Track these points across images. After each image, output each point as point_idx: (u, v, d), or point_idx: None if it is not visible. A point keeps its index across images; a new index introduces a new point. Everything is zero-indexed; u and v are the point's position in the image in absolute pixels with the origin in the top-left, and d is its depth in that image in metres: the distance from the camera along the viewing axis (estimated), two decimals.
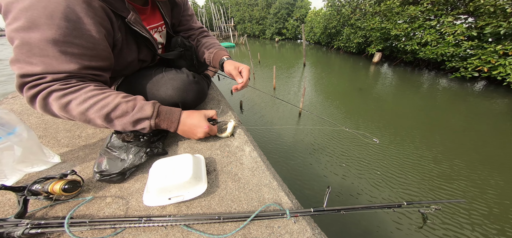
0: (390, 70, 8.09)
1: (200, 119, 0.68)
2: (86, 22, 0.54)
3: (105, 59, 0.62)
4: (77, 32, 0.53)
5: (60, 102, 0.53)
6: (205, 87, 0.94)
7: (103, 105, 0.55)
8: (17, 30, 0.49)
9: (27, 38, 0.49)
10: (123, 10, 0.63)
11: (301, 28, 9.74)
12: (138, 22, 0.67)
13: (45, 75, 0.53)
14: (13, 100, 1.06)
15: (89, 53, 0.56)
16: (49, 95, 0.53)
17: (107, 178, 0.57)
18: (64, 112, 0.55)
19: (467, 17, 6.76)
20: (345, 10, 10.93)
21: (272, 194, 0.56)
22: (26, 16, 0.48)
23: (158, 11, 0.81)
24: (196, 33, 0.99)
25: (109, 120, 0.58)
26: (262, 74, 7.64)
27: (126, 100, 0.59)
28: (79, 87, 0.55)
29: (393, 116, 4.31)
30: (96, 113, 0.55)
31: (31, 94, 0.53)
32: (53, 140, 0.76)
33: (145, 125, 0.61)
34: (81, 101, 0.54)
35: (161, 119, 0.63)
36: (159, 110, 0.62)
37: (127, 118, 0.58)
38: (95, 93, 0.56)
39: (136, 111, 0.59)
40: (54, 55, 0.51)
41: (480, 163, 2.84)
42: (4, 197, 0.56)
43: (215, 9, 25.43)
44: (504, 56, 5.49)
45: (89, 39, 0.55)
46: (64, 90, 0.53)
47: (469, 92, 5.67)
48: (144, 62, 0.78)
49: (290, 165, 2.91)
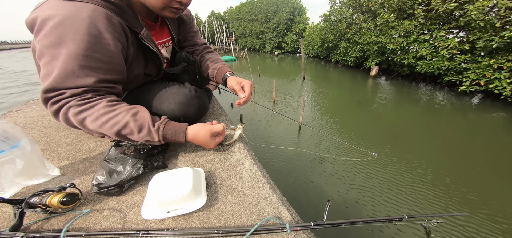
0: (387, 84, 8.21)
1: (206, 141, 0.69)
2: (106, 36, 0.58)
3: (120, 73, 0.65)
4: (97, 46, 0.57)
5: (77, 118, 0.57)
6: (206, 102, 0.96)
7: (114, 123, 0.58)
8: (47, 47, 0.54)
9: (54, 54, 0.54)
10: (137, 26, 0.67)
11: (300, 42, 10.03)
12: (149, 37, 0.71)
13: (64, 91, 0.56)
14: (17, 114, 1.07)
15: (106, 67, 0.60)
16: (68, 111, 0.57)
17: (105, 191, 0.57)
18: (82, 127, 0.60)
19: (458, 32, 6.98)
20: (341, 25, 11.30)
21: (271, 207, 0.55)
22: (56, 33, 0.53)
23: (166, 27, 0.85)
24: (200, 49, 1.03)
25: (121, 136, 0.62)
26: (262, 87, 7.74)
27: (135, 118, 0.61)
28: (93, 103, 0.58)
29: (392, 129, 4.32)
30: (109, 130, 0.59)
31: (54, 109, 0.58)
32: (54, 153, 0.77)
33: (155, 143, 0.65)
34: (95, 119, 0.57)
35: (169, 139, 0.65)
36: (165, 134, 0.63)
37: (136, 137, 0.61)
38: (107, 110, 0.58)
39: (145, 134, 0.61)
40: (73, 70, 0.55)
41: (480, 177, 2.81)
42: (1, 210, 0.55)
43: (217, 23, 26.29)
44: (499, 69, 5.59)
45: (107, 53, 0.59)
46: (80, 107, 0.57)
47: (467, 106, 5.71)
48: (149, 76, 0.81)
49: (290, 178, 2.87)
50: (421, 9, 7.33)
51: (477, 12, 5.72)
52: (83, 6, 0.55)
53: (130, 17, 0.65)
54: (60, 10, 0.53)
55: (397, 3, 7.92)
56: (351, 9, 11.03)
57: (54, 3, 0.55)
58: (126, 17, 0.64)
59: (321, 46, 13.91)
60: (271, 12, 23.13)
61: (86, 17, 0.54)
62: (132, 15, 0.66)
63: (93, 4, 0.56)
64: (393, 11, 8.20)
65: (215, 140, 0.71)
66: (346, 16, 11.15)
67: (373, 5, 9.34)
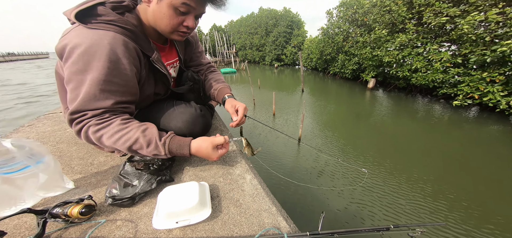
0: (385, 96, 8.36)
1: (208, 153, 0.72)
2: (124, 62, 0.66)
3: (133, 94, 0.72)
4: (116, 71, 0.64)
5: (95, 136, 0.64)
6: (210, 119, 1.03)
7: (126, 139, 0.65)
8: (75, 73, 0.61)
9: (80, 79, 0.62)
10: (149, 49, 0.75)
11: (299, 55, 10.30)
12: (159, 60, 0.79)
13: (86, 112, 0.64)
14: (29, 128, 1.13)
15: (122, 89, 0.67)
16: (88, 130, 0.64)
17: (119, 202, 0.62)
18: (99, 144, 0.66)
19: (450, 45, 7.20)
20: (338, 38, 11.65)
21: (271, 218, 0.60)
22: (82, 61, 0.60)
23: (174, 49, 0.93)
24: (204, 68, 1.11)
25: (132, 151, 0.67)
26: (262, 99, 7.85)
27: (144, 134, 0.67)
28: (109, 122, 0.65)
29: (390, 142, 4.38)
30: (121, 146, 0.65)
31: (77, 129, 0.65)
32: (68, 167, 0.82)
33: (162, 157, 0.71)
34: (110, 136, 0.64)
35: (174, 153, 0.71)
36: (170, 148, 0.69)
37: (145, 151, 0.67)
38: (120, 128, 0.65)
39: (153, 148, 0.67)
40: (95, 94, 0.62)
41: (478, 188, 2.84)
42: (21, 220, 0.60)
43: (218, 36, 27.03)
44: (492, 83, 5.72)
45: (124, 77, 0.66)
46: (98, 125, 0.64)
47: (464, 119, 5.80)
48: (158, 95, 0.88)
49: (289, 191, 2.89)
50: (412, 23, 7.62)
51: (468, 26, 5.94)
52: (105, 34, 0.63)
53: (143, 41, 0.73)
54: (85, 38, 0.61)
55: (389, 18, 8.23)
56: (347, 23, 11.43)
57: (80, 31, 0.62)
58: (140, 42, 0.72)
59: (320, 59, 14.25)
60: (270, 25, 23.88)
61: (107, 44, 0.62)
62: (145, 39, 0.73)
63: (113, 32, 0.64)
64: (386, 26, 8.52)
65: (218, 152, 0.74)
66: (343, 30, 11.53)
67: (367, 20, 9.69)
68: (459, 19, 6.28)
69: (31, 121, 1.25)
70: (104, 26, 0.64)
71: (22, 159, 0.55)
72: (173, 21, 0.70)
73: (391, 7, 7.93)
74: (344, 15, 11.48)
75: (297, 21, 22.38)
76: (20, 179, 0.56)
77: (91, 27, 0.63)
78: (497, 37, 5.67)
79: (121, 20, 0.67)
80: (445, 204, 2.59)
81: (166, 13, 0.68)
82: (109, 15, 0.65)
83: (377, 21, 8.87)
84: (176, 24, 0.71)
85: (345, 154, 3.84)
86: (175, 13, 0.68)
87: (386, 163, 3.47)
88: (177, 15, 0.69)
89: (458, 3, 6.62)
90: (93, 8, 0.65)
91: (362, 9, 9.97)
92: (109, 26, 0.64)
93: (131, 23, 0.69)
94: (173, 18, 0.69)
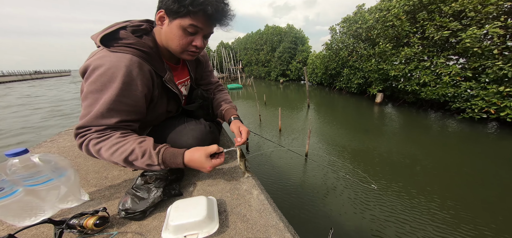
0: (394, 111, 8.17)
1: (203, 161, 0.72)
2: (137, 83, 0.71)
3: (140, 114, 0.76)
4: (127, 92, 0.69)
5: (95, 149, 0.67)
6: (218, 135, 1.08)
7: (122, 151, 0.67)
8: (91, 92, 0.67)
9: (95, 98, 0.67)
10: (162, 70, 0.81)
11: (304, 70, 10.42)
12: (171, 80, 0.84)
13: (90, 128, 0.68)
14: (51, 144, 1.21)
15: (129, 109, 0.72)
16: (89, 143, 0.68)
17: (130, 216, 0.65)
18: (98, 156, 0.69)
19: (458, 58, 7.07)
20: (342, 53, 11.75)
21: (278, 235, 0.60)
22: (100, 81, 0.66)
23: (186, 68, 1.00)
24: (213, 87, 1.18)
25: (128, 163, 0.69)
26: (268, 114, 7.87)
27: (140, 145, 0.68)
28: (109, 136, 0.68)
29: (401, 157, 4.23)
30: (118, 158, 0.67)
31: (79, 142, 0.69)
32: (84, 180, 0.86)
33: (156, 169, 0.71)
34: (107, 148, 0.67)
35: (168, 164, 0.71)
36: (164, 157, 0.70)
37: (139, 162, 0.68)
38: (118, 140, 0.68)
39: (147, 158, 0.68)
40: (102, 112, 0.67)
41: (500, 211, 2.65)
42: (38, 230, 0.63)
43: (225, 53, 28.06)
44: (509, 97, 5.45)
45: (134, 98, 0.71)
46: (98, 139, 0.67)
47: (481, 134, 5.51)
48: (169, 113, 0.93)
49: (296, 207, 2.81)
50: (416, 37, 7.62)
51: (470, 39, 5.87)
52: (123, 57, 0.69)
53: (157, 62, 0.78)
54: (105, 61, 0.67)
55: (392, 33, 8.28)
56: (351, 37, 11.58)
57: (102, 53, 0.69)
58: (154, 63, 0.77)
59: (325, 73, 14.32)
60: (275, 42, 24.61)
61: (123, 66, 0.68)
62: (159, 60, 0.79)
63: (130, 54, 0.71)
64: (390, 40, 8.55)
65: (212, 162, 0.73)
66: (347, 45, 11.66)
67: (371, 35, 9.79)
68: (461, 33, 6.24)
69: (53, 137, 1.34)
70: (124, 49, 0.70)
71: (47, 172, 0.60)
72: (183, 41, 0.74)
73: (394, 23, 8.02)
74: (347, 31, 11.68)
75: (301, 37, 22.99)
76: (43, 191, 0.60)
77: (113, 50, 0.69)
78: (506, 50, 5.55)
79: (139, 43, 0.73)
80: (467, 228, 2.40)
81: (176, 33, 0.73)
82: (129, 38, 0.72)
83: (381, 36, 8.95)
84: (185, 44, 0.75)
85: (354, 170, 3.72)
86: (184, 34, 0.73)
87: (398, 179, 3.32)
88: (186, 35, 0.73)
89: (458, 18, 6.63)
90: (116, 32, 0.72)
91: (366, 25, 10.14)
92: (128, 49, 0.71)
93: (147, 45, 0.75)
94: (182, 39, 0.74)
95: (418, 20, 7.50)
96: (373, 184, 0.86)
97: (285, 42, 22.99)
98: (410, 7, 7.64)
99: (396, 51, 8.19)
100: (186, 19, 0.70)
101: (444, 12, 6.77)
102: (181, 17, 0.70)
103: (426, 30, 7.17)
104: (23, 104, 11.86)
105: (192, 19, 0.70)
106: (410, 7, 7.63)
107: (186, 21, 0.70)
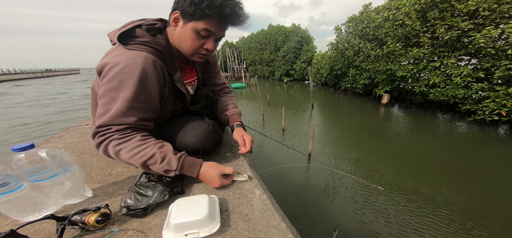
0: (401, 112, 8.00)
1: (215, 177, 0.75)
2: (151, 80, 0.71)
3: (155, 112, 0.77)
4: (143, 89, 0.69)
5: (114, 150, 0.68)
6: (221, 135, 1.07)
7: (142, 155, 0.68)
8: (109, 90, 0.67)
9: (113, 96, 0.67)
10: (173, 69, 0.81)
11: (308, 70, 10.32)
12: (180, 79, 0.84)
13: (111, 127, 0.68)
14: (58, 139, 1.23)
15: (146, 107, 0.72)
16: (109, 143, 0.68)
17: (132, 213, 0.64)
18: (116, 157, 0.70)
19: (470, 59, 6.85)
20: (348, 53, 11.58)
21: (280, 235, 0.59)
22: (117, 79, 0.66)
23: (195, 68, 0.99)
24: (218, 89, 1.17)
25: (146, 166, 0.70)
26: (272, 114, 7.85)
27: (160, 151, 0.70)
28: (130, 137, 0.69)
29: (407, 159, 4.14)
30: (137, 161, 0.68)
31: (99, 141, 0.69)
32: (88, 177, 0.87)
33: (171, 174, 0.73)
34: (128, 150, 0.68)
35: (184, 170, 0.73)
36: (183, 163, 0.72)
37: (158, 166, 0.69)
38: (139, 143, 0.69)
39: (165, 164, 0.70)
40: (123, 110, 0.67)
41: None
42: (41, 226, 0.63)
43: (229, 52, 28.15)
44: None
45: (149, 95, 0.72)
46: (119, 140, 0.68)
47: (493, 137, 5.34)
48: (175, 111, 0.93)
49: (299, 207, 2.78)
50: (426, 37, 7.42)
51: (485, 40, 5.68)
52: (139, 54, 0.69)
53: (169, 61, 0.79)
54: (122, 58, 0.67)
55: (402, 32, 8.10)
56: (357, 37, 11.40)
57: (119, 51, 0.69)
58: (167, 61, 0.78)
59: (330, 74, 14.16)
60: (280, 41, 24.49)
61: (139, 64, 0.68)
62: (171, 59, 0.80)
63: (146, 52, 0.71)
64: (399, 39, 8.36)
65: (223, 181, 0.76)
66: (353, 45, 11.48)
67: (379, 34, 9.60)
68: (473, 33, 6.05)
69: (61, 132, 1.36)
70: (140, 47, 0.71)
71: (53, 167, 0.60)
72: (195, 44, 0.75)
73: (405, 22, 7.84)
74: (353, 30, 11.51)
75: (307, 37, 22.78)
76: (48, 187, 0.61)
77: (129, 48, 0.70)
78: None
79: (154, 41, 0.74)
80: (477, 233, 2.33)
81: (189, 36, 0.73)
82: (144, 36, 0.73)
83: (389, 35, 8.77)
84: (197, 47, 0.76)
85: (359, 171, 3.66)
86: (197, 37, 0.73)
87: (405, 182, 3.25)
88: (198, 38, 0.74)
89: (472, 17, 6.42)
90: (132, 30, 0.72)
91: (373, 24, 9.96)
92: (143, 47, 0.71)
93: (161, 44, 0.76)
94: (195, 41, 0.74)
95: (428, 19, 7.31)
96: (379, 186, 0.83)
97: (290, 41, 22.86)
98: (421, 6, 7.45)
99: (405, 51, 8.00)
100: (201, 22, 0.70)
101: (458, 10, 6.56)
102: (196, 20, 0.70)
103: (436, 29, 6.98)
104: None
105: (207, 23, 0.70)
106: (421, 6, 7.44)
107: (200, 25, 0.70)
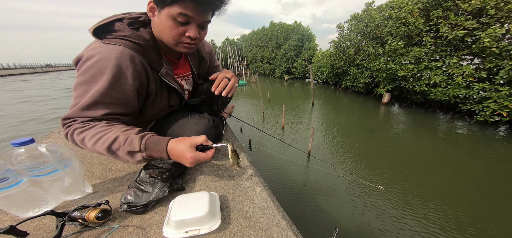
0: (401, 112, 7.99)
1: (184, 150, 0.63)
2: (126, 76, 0.68)
3: (130, 108, 0.73)
4: (115, 85, 0.66)
5: (79, 138, 0.64)
6: (221, 130, 1.05)
7: (105, 139, 0.62)
8: (81, 83, 0.65)
9: (84, 90, 0.65)
10: (158, 64, 0.77)
11: (309, 68, 10.28)
12: (169, 74, 0.81)
13: (76, 119, 0.66)
14: (58, 134, 1.23)
15: (117, 102, 0.68)
16: (73, 132, 0.65)
17: (132, 209, 0.64)
18: (83, 146, 0.66)
19: (473, 58, 6.81)
20: (349, 51, 11.53)
21: (281, 233, 0.59)
22: (90, 73, 0.64)
23: (188, 62, 0.97)
24: None
25: (111, 152, 0.63)
26: (272, 112, 7.86)
27: (125, 133, 0.63)
28: (93, 125, 0.65)
29: (408, 159, 4.14)
30: (101, 146, 0.62)
31: (65, 132, 0.67)
32: (88, 172, 0.87)
33: (138, 157, 0.64)
34: (90, 137, 0.63)
35: (151, 150, 0.64)
36: (147, 143, 0.63)
37: (121, 150, 0.62)
38: (102, 129, 0.64)
39: (127, 144, 0.62)
40: (88, 104, 0.65)
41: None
42: (41, 222, 0.63)
43: (230, 49, 28.02)
44: None
45: (123, 91, 0.68)
46: (81, 128, 0.65)
47: (492, 137, 5.34)
48: (173, 107, 0.92)
49: (299, 205, 2.79)
50: (429, 36, 7.37)
51: (490, 39, 5.63)
52: (115, 48, 0.67)
53: (153, 56, 0.75)
54: (96, 52, 0.65)
55: (404, 31, 8.04)
56: (359, 35, 11.34)
57: (95, 45, 0.67)
58: (150, 56, 0.74)
59: (331, 72, 14.12)
60: (281, 39, 24.37)
61: (113, 58, 0.65)
62: (155, 54, 0.76)
63: (122, 46, 0.68)
64: (401, 38, 8.31)
65: (195, 153, 0.64)
66: (354, 43, 11.43)
67: (380, 33, 9.55)
68: (478, 32, 6.00)
69: (60, 127, 1.35)
70: (117, 41, 0.68)
71: (53, 163, 0.60)
72: (174, 32, 0.69)
73: (408, 20, 7.78)
74: (355, 29, 11.44)
75: (308, 35, 22.65)
76: (48, 182, 0.60)
77: (106, 43, 0.67)
78: None
79: (134, 35, 0.70)
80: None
81: (166, 24, 0.68)
82: (123, 30, 0.69)
83: (391, 34, 8.71)
84: (177, 35, 0.70)
85: (359, 170, 3.67)
86: (175, 24, 0.67)
87: (404, 181, 3.25)
88: (177, 25, 0.68)
89: (477, 15, 6.36)
90: (111, 24, 0.69)
91: (373, 23, 9.90)
92: (121, 41, 0.68)
93: (142, 38, 0.72)
94: (173, 29, 0.68)
95: (431, 18, 7.26)
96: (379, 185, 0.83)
97: (291, 39, 22.75)
98: (424, 4, 7.39)
99: (406, 50, 7.95)
100: (174, 7, 0.64)
101: (462, 9, 6.49)
102: (168, 5, 0.64)
103: (439, 28, 6.91)
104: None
105: (181, 7, 0.64)
106: (424, 4, 7.38)
107: (174, 10, 0.64)
